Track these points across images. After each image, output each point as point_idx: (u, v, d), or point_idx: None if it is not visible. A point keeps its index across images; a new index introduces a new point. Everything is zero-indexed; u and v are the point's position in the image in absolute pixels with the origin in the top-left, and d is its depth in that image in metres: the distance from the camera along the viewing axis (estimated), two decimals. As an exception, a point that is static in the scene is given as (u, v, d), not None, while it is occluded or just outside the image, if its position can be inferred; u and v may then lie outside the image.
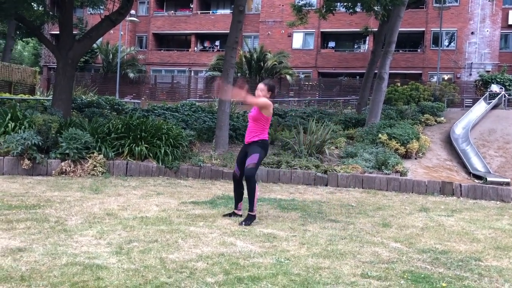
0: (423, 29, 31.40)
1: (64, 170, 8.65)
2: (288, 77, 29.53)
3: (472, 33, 30.52)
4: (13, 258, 3.72)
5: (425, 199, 8.27)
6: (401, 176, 9.60)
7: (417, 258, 4.31)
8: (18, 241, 4.22)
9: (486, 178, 10.15)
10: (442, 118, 17.11)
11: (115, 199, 6.56)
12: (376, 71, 15.57)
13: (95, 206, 5.98)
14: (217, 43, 36.81)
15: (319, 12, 17.34)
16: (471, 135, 14.34)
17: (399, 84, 23.48)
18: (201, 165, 9.44)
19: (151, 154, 9.45)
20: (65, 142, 8.77)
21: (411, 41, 32.72)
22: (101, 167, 8.87)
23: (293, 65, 31.23)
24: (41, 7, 14.85)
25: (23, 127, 9.21)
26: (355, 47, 34.90)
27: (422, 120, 16.28)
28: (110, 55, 33.90)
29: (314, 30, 32.76)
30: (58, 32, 13.95)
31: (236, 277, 3.51)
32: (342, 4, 17.58)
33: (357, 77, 30.30)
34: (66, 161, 8.72)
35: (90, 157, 8.91)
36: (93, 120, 10.43)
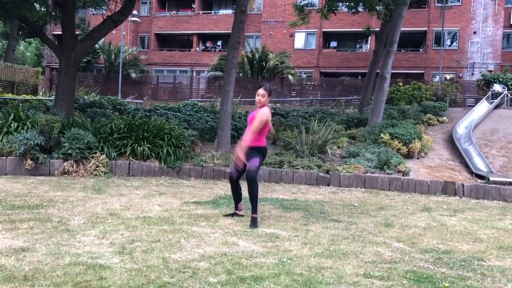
0: (425, 29, 31.34)
1: (67, 170, 8.67)
2: (290, 77, 29.51)
3: (475, 33, 30.45)
4: (16, 258, 3.74)
5: (428, 199, 8.26)
6: (403, 176, 9.60)
7: (420, 258, 4.30)
8: (21, 241, 4.23)
9: (489, 178, 10.14)
10: (444, 118, 17.08)
11: (118, 199, 6.58)
12: (378, 71, 15.54)
13: (98, 206, 5.99)
14: (219, 43, 36.80)
15: (321, 12, 17.31)
16: (474, 135, 14.32)
17: (401, 84, 23.47)
18: (203, 165, 9.45)
19: (154, 154, 9.46)
20: (68, 142, 8.79)
21: (413, 41, 32.66)
22: (104, 167, 8.88)
23: (295, 65, 31.20)
24: (44, 8, 14.87)
25: (26, 127, 9.23)
26: (357, 47, 34.84)
27: (424, 120, 16.26)
28: (112, 55, 33.94)
29: (316, 30, 32.73)
30: (61, 33, 13.97)
31: (239, 277, 3.51)
32: (344, 4, 17.55)
33: (359, 77, 30.26)
34: (69, 161, 8.74)
35: (93, 157, 8.93)
36: (96, 120, 10.45)
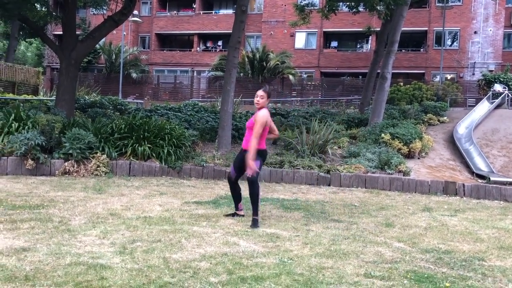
0: (426, 29, 31.32)
1: (68, 170, 8.68)
2: (291, 77, 29.51)
3: (475, 33, 30.42)
4: (17, 258, 3.74)
5: (428, 199, 8.25)
6: (404, 176, 9.59)
7: (420, 258, 4.30)
8: (22, 241, 4.23)
9: (490, 178, 10.14)
10: (445, 118, 17.08)
11: (119, 199, 6.58)
12: (379, 71, 15.54)
13: (99, 206, 6.00)
14: (220, 43, 36.79)
15: (322, 12, 17.31)
16: (474, 135, 14.31)
17: (402, 84, 23.45)
18: (204, 165, 9.46)
19: (154, 154, 9.47)
20: (69, 142, 8.80)
21: (414, 41, 32.64)
22: (104, 167, 8.89)
23: (296, 65, 31.19)
24: (44, 8, 14.88)
25: (27, 128, 9.23)
26: (358, 47, 34.82)
27: (425, 120, 16.26)
28: (113, 56, 33.95)
29: (317, 30, 32.71)
30: (61, 33, 13.98)
31: (240, 277, 3.51)
32: (345, 4, 17.55)
33: (360, 77, 30.26)
34: (70, 161, 8.74)
35: (93, 157, 8.93)
36: (96, 120, 10.46)
